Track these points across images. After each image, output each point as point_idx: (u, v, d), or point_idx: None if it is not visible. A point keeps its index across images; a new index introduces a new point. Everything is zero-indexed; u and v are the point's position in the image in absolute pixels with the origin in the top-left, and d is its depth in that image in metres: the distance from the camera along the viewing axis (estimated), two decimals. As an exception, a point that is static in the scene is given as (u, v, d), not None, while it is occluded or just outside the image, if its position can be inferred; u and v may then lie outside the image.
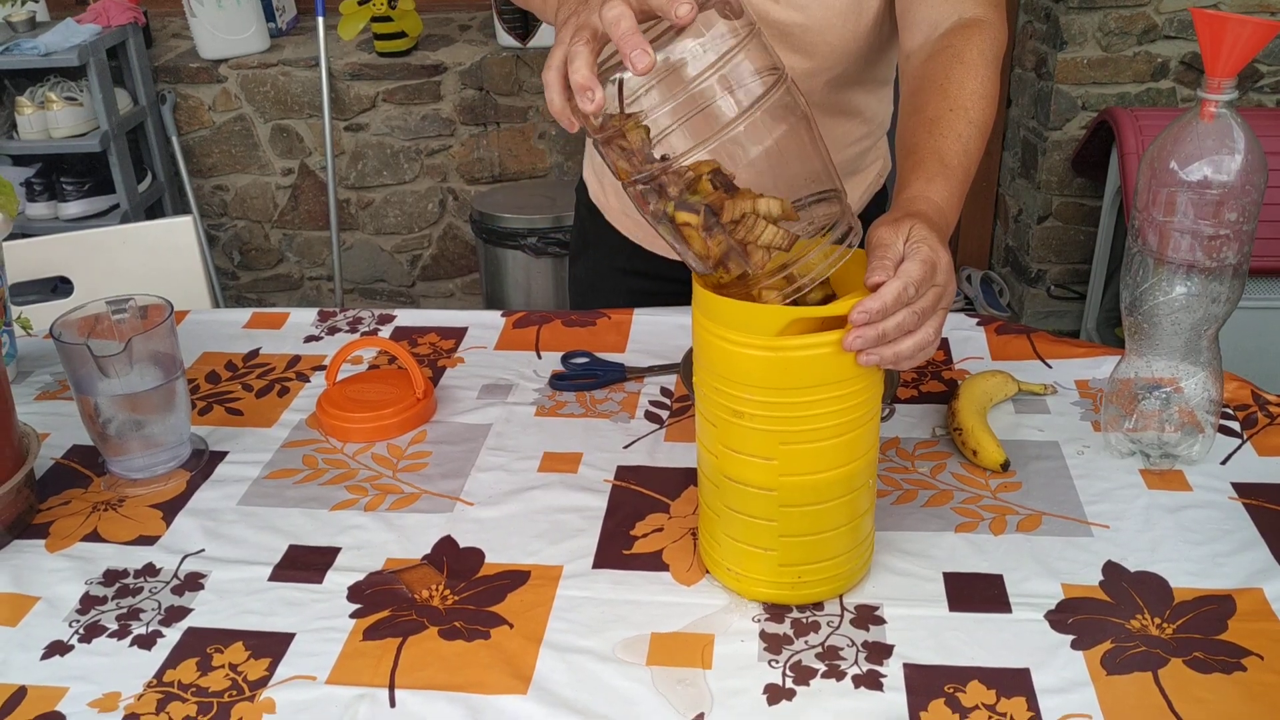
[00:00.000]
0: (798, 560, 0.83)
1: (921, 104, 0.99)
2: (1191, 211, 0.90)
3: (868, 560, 0.88)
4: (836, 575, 0.85)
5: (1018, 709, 0.75)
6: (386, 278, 3.36)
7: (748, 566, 0.85)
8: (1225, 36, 0.84)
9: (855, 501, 0.83)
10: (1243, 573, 0.87)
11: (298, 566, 0.92)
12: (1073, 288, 3.05)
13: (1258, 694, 0.76)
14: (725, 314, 0.77)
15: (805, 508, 0.81)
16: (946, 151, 0.94)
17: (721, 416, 0.80)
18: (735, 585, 0.86)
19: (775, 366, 0.76)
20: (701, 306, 0.79)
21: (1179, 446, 0.99)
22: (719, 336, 0.77)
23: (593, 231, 1.45)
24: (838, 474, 0.80)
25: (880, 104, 1.30)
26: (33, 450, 0.99)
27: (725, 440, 0.81)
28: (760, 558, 0.84)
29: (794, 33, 1.13)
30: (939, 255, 0.80)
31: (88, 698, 0.79)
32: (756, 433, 0.79)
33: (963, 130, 0.96)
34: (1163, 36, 2.72)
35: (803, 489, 0.80)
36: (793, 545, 0.83)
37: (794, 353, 0.75)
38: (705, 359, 0.80)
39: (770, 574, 0.84)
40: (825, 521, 0.82)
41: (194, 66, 3.09)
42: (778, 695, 0.77)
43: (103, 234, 1.64)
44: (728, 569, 0.86)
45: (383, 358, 1.25)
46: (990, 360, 1.18)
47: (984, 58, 1.01)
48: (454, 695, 0.78)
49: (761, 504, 0.81)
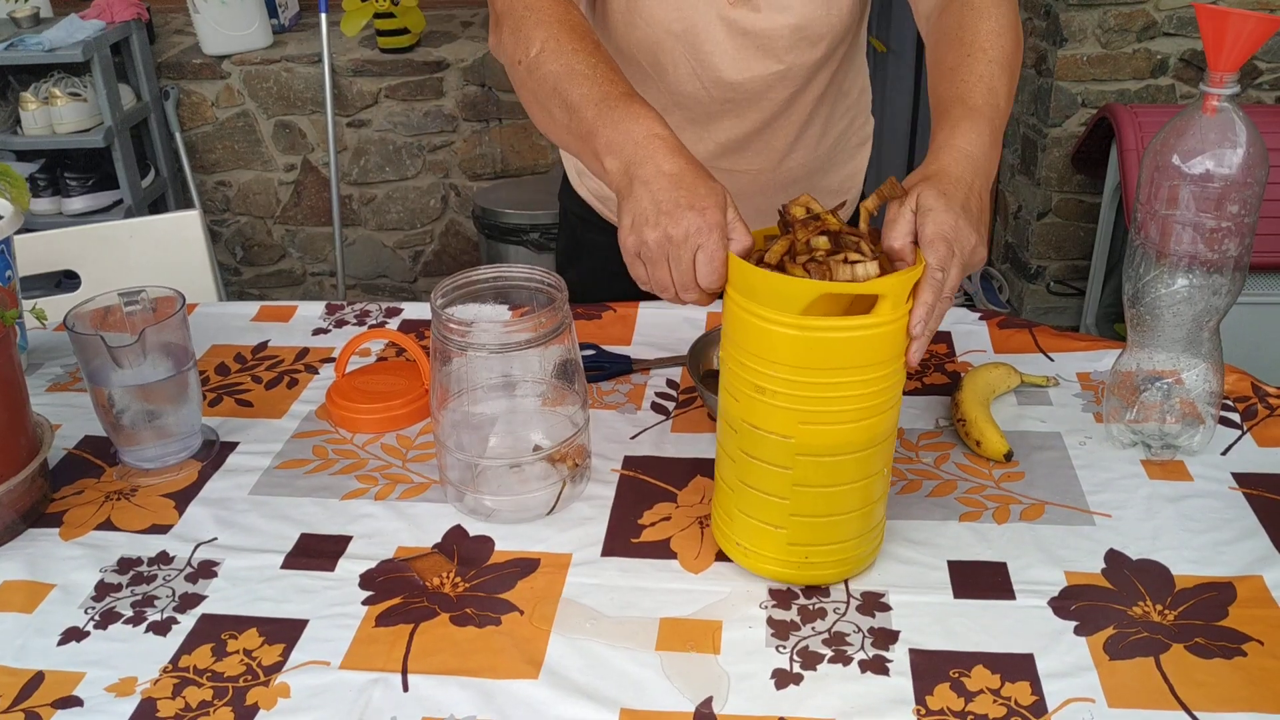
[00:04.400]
0: (806, 540, 0.84)
1: (941, 57, 0.99)
2: (1193, 205, 0.91)
3: (876, 548, 0.89)
4: (844, 560, 0.86)
5: (1021, 693, 0.76)
6: (389, 273, 3.37)
7: (758, 543, 0.86)
8: (1227, 31, 0.86)
9: (868, 488, 0.84)
10: (1243, 560, 0.88)
11: (310, 554, 0.93)
12: (1072, 284, 3.06)
13: (1258, 678, 0.77)
14: (757, 288, 0.78)
15: (818, 488, 0.82)
16: (969, 94, 0.93)
17: (744, 391, 0.82)
18: (744, 561, 0.88)
19: (800, 345, 0.77)
20: (734, 281, 0.81)
21: (1180, 437, 1.00)
22: (748, 311, 0.79)
23: (584, 235, 1.43)
24: (853, 458, 0.81)
25: (860, 72, 1.32)
26: (46, 440, 1.00)
27: (746, 415, 0.82)
28: (770, 535, 0.85)
29: (787, 34, 1.15)
30: (944, 225, 0.80)
31: (105, 682, 0.80)
32: (777, 409, 0.80)
33: (983, 70, 0.95)
34: (1162, 33, 2.73)
35: (818, 469, 0.81)
36: (803, 525, 0.84)
37: (820, 334, 0.77)
38: (733, 333, 0.82)
39: (779, 552, 0.85)
40: (837, 504, 0.83)
41: (197, 63, 3.09)
42: (785, 680, 0.78)
43: (110, 228, 1.65)
44: (737, 544, 0.88)
45: (390, 350, 1.26)
46: (993, 353, 1.19)
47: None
48: (466, 680, 0.79)
49: (776, 481, 0.83)
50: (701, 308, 1.30)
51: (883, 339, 0.78)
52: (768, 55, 1.16)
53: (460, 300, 0.96)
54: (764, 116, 1.22)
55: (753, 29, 1.14)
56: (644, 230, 0.83)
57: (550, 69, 0.95)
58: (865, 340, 0.77)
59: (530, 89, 0.98)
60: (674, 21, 1.14)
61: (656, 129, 0.87)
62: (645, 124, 0.88)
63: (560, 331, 0.93)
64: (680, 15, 1.14)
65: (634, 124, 0.88)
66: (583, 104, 0.91)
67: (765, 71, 1.17)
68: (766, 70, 1.17)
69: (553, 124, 0.97)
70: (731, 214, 0.83)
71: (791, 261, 0.79)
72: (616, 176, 0.88)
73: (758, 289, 0.78)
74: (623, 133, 0.88)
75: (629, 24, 1.17)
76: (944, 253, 0.80)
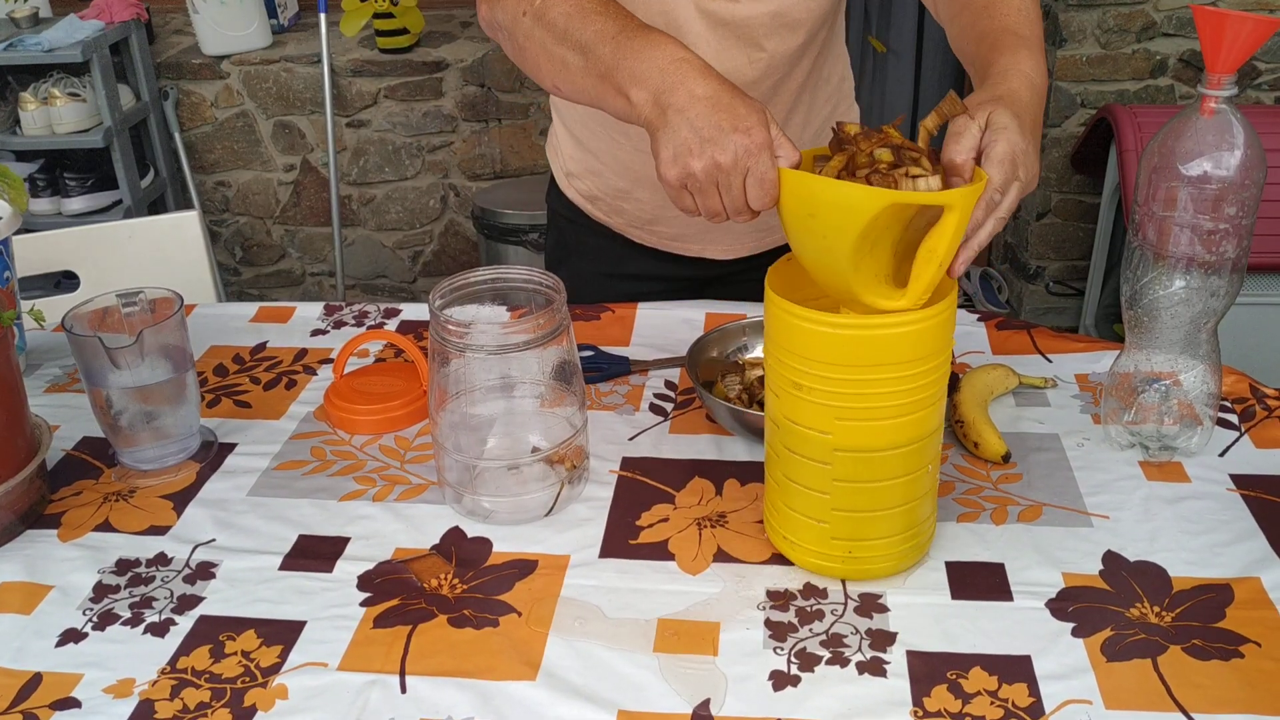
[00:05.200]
0: (849, 535, 0.85)
1: (971, 20, 0.99)
2: (1191, 206, 0.91)
3: (924, 545, 0.89)
4: (888, 555, 0.86)
5: (1019, 695, 0.76)
6: (388, 274, 3.37)
7: (802, 536, 0.87)
8: (1225, 32, 0.86)
9: (912, 484, 0.84)
10: (1240, 562, 0.88)
11: (308, 556, 0.93)
12: (1071, 284, 3.06)
13: (1255, 680, 0.77)
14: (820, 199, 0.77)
15: (859, 484, 0.83)
16: (1019, 26, 0.94)
17: (784, 388, 0.82)
18: (790, 553, 0.89)
19: (835, 342, 0.78)
20: (795, 194, 0.80)
21: (1178, 439, 1.00)
22: (784, 309, 0.80)
23: (573, 238, 1.42)
24: (894, 454, 0.82)
25: (840, 60, 1.32)
26: (44, 441, 1.00)
27: (786, 411, 0.83)
28: (813, 529, 0.86)
29: (766, 21, 1.14)
30: (1016, 146, 0.81)
31: (103, 684, 0.80)
32: (814, 406, 0.81)
33: (1020, 5, 0.96)
34: (1161, 34, 2.73)
35: (856, 465, 0.82)
36: (844, 520, 0.84)
37: (854, 331, 0.77)
38: (771, 331, 0.83)
39: (821, 545, 0.86)
40: (879, 500, 0.83)
41: (196, 63, 3.09)
42: (783, 681, 0.78)
43: (109, 228, 1.65)
44: (784, 536, 0.88)
45: (389, 351, 1.26)
46: (991, 355, 1.20)
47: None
48: (464, 681, 0.79)
49: (816, 476, 0.83)
50: (698, 307, 1.30)
51: (919, 335, 0.78)
52: (748, 44, 1.15)
53: (458, 301, 0.96)
54: None
55: (731, 19, 1.13)
56: (688, 161, 0.81)
57: (560, 9, 0.93)
58: (900, 337, 0.78)
59: (538, 39, 0.95)
60: (651, 17, 1.12)
61: (681, 53, 0.85)
62: (669, 49, 0.85)
63: (558, 333, 0.93)
64: (657, 9, 1.12)
65: (656, 51, 0.85)
66: (598, 40, 0.89)
67: (746, 61, 1.16)
68: (747, 59, 1.16)
69: (566, 71, 0.94)
70: (775, 130, 0.81)
71: (850, 178, 0.78)
72: (646, 108, 0.85)
73: (820, 200, 0.76)
74: (646, 61, 0.85)
75: None
76: (1009, 172, 0.80)
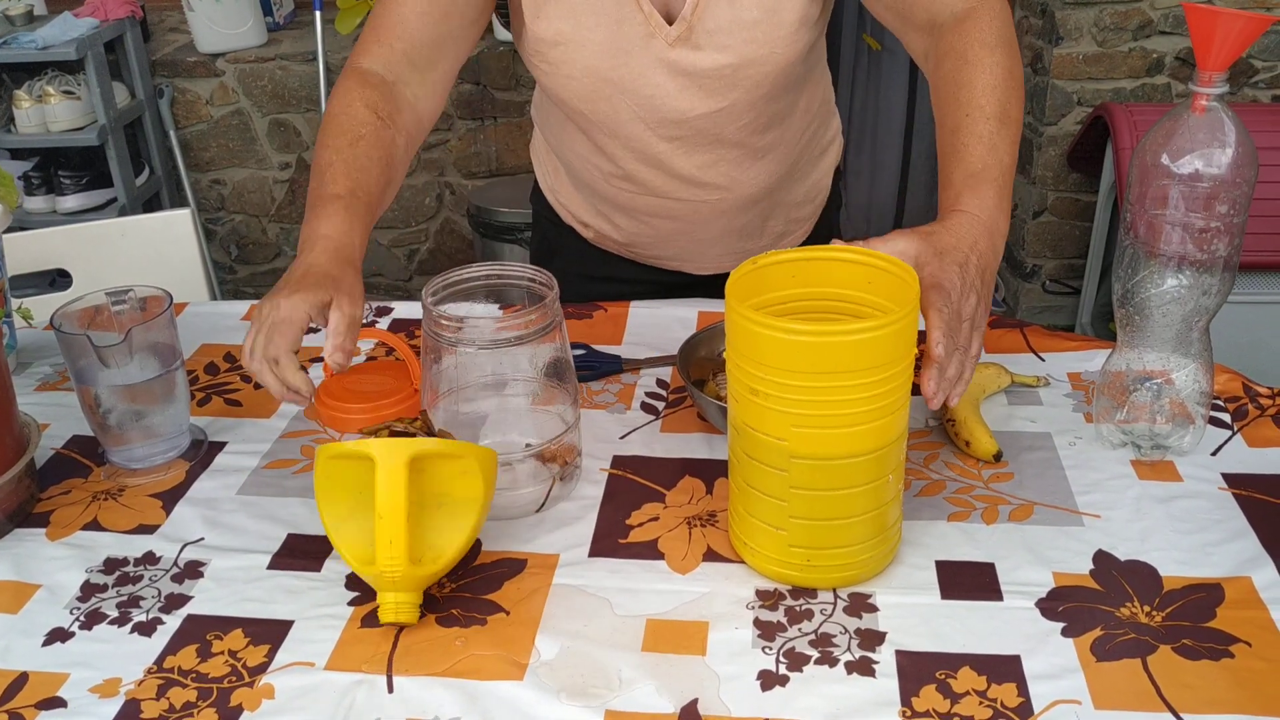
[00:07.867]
0: (806, 543, 0.84)
1: (942, 116, 1.02)
2: (1183, 204, 0.91)
3: (888, 555, 0.88)
4: (848, 565, 0.85)
5: (1008, 695, 0.76)
6: (383, 272, 3.37)
7: (760, 543, 0.86)
8: (1216, 30, 0.85)
9: (873, 493, 0.83)
10: (1232, 562, 0.88)
11: (296, 555, 0.92)
12: (1068, 282, 3.06)
13: (1245, 680, 0.77)
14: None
15: (817, 492, 0.82)
16: (969, 158, 0.96)
17: (742, 393, 0.82)
18: (750, 559, 0.88)
19: (788, 349, 0.77)
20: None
21: (1170, 438, 1.00)
22: (741, 315, 0.79)
23: (555, 239, 1.43)
24: (852, 463, 0.81)
25: (819, 84, 1.30)
26: (33, 440, 1.00)
27: (744, 417, 0.83)
28: (772, 536, 0.85)
29: (725, 74, 1.13)
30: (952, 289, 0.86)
31: (89, 683, 0.80)
32: (771, 412, 0.80)
33: (982, 129, 0.97)
34: (1158, 32, 2.73)
35: (814, 473, 0.81)
36: (802, 528, 0.84)
37: (807, 338, 0.77)
38: (730, 335, 0.83)
39: (779, 553, 0.85)
40: (838, 509, 0.83)
41: (191, 60, 3.09)
42: (771, 681, 0.78)
43: (102, 226, 1.65)
44: (744, 542, 0.88)
45: (380, 349, 1.25)
46: (983, 353, 1.19)
47: (986, 46, 1.02)
48: (451, 681, 0.79)
49: (774, 483, 0.83)
50: (691, 305, 1.30)
51: (876, 343, 0.77)
52: (710, 94, 1.14)
53: (452, 298, 0.96)
54: (717, 148, 1.20)
55: (694, 69, 1.12)
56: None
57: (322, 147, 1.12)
58: (857, 344, 0.76)
59: None
60: (610, 70, 1.12)
61: (322, 230, 1.04)
62: (311, 225, 1.05)
63: (551, 329, 0.93)
64: (616, 63, 1.12)
65: (312, 224, 1.05)
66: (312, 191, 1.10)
67: (710, 109, 1.15)
68: (711, 108, 1.15)
69: None
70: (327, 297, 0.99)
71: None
72: None
73: None
74: (307, 228, 1.06)
75: (566, 75, 1.14)
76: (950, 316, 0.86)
